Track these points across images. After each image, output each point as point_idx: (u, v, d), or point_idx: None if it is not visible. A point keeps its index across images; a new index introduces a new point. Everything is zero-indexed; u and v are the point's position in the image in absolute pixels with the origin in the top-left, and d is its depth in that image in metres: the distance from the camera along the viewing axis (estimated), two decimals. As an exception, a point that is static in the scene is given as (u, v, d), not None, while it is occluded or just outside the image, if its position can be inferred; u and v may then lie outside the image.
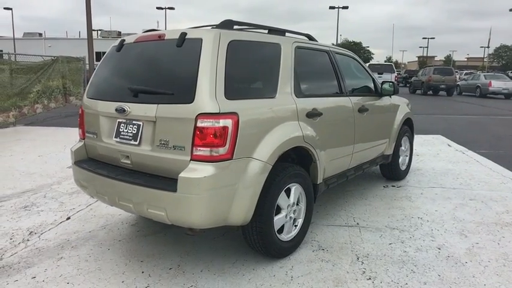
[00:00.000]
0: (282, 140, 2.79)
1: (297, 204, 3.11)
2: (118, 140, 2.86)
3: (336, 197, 4.44)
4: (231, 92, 2.54)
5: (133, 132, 2.76)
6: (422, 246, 3.22)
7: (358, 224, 3.68)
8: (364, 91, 4.21)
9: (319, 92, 3.46)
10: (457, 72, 35.84)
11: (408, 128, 5.12)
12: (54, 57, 11.96)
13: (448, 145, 7.43)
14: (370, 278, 2.72)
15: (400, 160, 4.98)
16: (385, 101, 4.50)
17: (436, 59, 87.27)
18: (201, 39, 2.58)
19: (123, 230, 3.57)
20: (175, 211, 2.45)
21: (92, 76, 3.30)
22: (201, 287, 2.62)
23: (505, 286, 2.62)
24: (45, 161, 6.06)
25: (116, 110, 2.80)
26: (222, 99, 2.47)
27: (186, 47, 2.62)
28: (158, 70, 2.75)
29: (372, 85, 4.38)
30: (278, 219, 2.89)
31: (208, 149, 2.41)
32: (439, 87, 22.88)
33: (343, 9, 38.24)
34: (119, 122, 2.86)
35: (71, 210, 4.05)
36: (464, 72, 37.17)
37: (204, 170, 2.39)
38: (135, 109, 2.72)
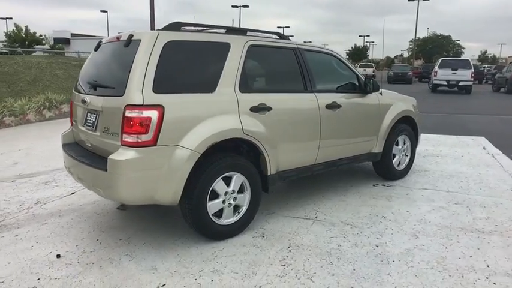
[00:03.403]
0: (214, 131, 3.04)
1: (241, 193, 3.33)
2: (85, 126, 3.37)
3: (317, 191, 4.51)
4: (160, 87, 2.87)
5: (92, 120, 3.24)
6: (362, 242, 3.23)
7: (316, 217, 3.77)
8: (340, 88, 4.22)
9: (272, 88, 3.61)
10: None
11: (408, 127, 4.95)
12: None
13: (483, 148, 6.86)
14: (284, 265, 2.87)
15: (395, 159, 4.85)
16: (370, 98, 4.43)
17: (545, 53, 76.77)
18: (140, 40, 2.95)
19: (108, 205, 4.10)
20: (106, 188, 2.88)
21: (80, 72, 3.87)
22: (134, 256, 3.02)
23: (413, 286, 2.59)
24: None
25: (81, 101, 3.31)
26: (148, 92, 2.81)
27: (131, 46, 3.01)
28: (110, 67, 3.19)
29: (355, 82, 4.36)
30: (213, 204, 3.15)
31: (133, 135, 2.78)
32: (527, 85, 20.38)
33: (428, 1, 35.83)
34: (87, 111, 3.37)
35: (80, 186, 4.73)
36: None
37: (127, 154, 2.77)
38: (92, 100, 3.20)
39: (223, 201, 3.21)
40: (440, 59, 22.17)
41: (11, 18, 48.24)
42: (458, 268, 2.82)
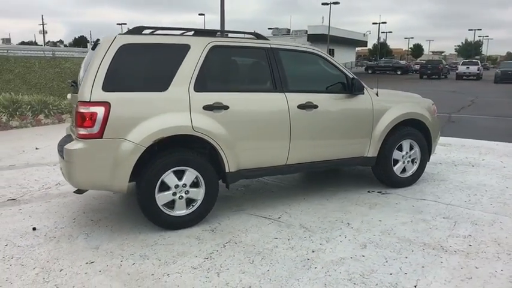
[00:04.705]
0: (160, 127, 3.26)
1: (196, 187, 3.50)
2: (71, 120, 3.88)
3: (302, 194, 4.44)
4: (110, 86, 3.18)
5: (74, 114, 3.72)
6: (301, 246, 3.15)
7: (279, 218, 3.74)
8: (321, 88, 4.07)
9: (232, 88, 3.66)
10: None
11: (417, 131, 4.53)
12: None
13: (541, 159, 5.86)
14: (207, 258, 2.98)
15: (397, 166, 4.50)
16: (361, 99, 4.18)
17: None
18: (100, 43, 3.31)
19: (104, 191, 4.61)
20: (65, 173, 3.31)
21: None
22: (90, 235, 3.41)
23: (312, 295, 2.49)
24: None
25: (66, 98, 3.82)
26: (97, 90, 3.15)
27: (96, 49, 3.40)
28: (84, 68, 3.62)
29: (342, 82, 4.16)
30: (163, 195, 3.38)
31: (82, 129, 3.14)
32: None
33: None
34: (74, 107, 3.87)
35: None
36: None
37: (77, 145, 3.15)
38: (71, 98, 3.68)
39: (174, 194, 3.42)
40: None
41: (125, 23, 54.49)
42: (378, 283, 2.61)
